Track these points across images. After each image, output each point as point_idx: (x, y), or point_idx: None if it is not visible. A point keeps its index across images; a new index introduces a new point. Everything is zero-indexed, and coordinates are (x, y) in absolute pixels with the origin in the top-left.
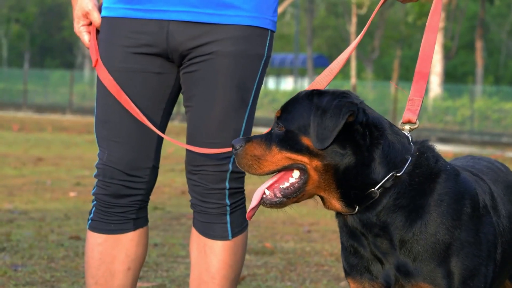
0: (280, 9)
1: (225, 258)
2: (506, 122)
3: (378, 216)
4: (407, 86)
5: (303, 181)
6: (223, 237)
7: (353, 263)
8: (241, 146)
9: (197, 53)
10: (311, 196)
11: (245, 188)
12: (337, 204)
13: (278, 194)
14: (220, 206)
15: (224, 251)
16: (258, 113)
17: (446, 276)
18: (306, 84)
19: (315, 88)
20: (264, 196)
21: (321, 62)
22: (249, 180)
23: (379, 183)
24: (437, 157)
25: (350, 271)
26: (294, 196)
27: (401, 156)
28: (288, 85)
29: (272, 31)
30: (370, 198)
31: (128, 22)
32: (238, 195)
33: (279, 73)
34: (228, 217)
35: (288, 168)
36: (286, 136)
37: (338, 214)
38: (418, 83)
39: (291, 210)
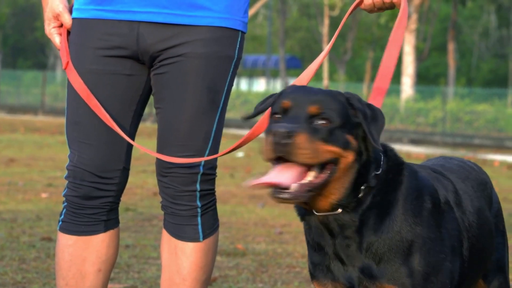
0: (252, 11)
1: (196, 260)
2: (478, 124)
3: (358, 216)
4: None
5: (330, 176)
6: (194, 239)
7: (317, 262)
8: (293, 134)
9: (168, 55)
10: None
11: (216, 189)
12: (328, 204)
13: (304, 188)
14: (191, 208)
15: (195, 253)
16: (230, 115)
17: (410, 275)
18: (278, 85)
19: None
20: (289, 190)
21: (294, 64)
22: (221, 182)
23: (368, 181)
24: (396, 151)
25: (314, 271)
26: (316, 190)
27: (378, 153)
28: (260, 86)
29: (243, 32)
30: (356, 198)
31: (99, 24)
32: (209, 197)
33: (252, 74)
34: (199, 219)
35: (327, 162)
36: (332, 132)
37: (308, 214)
38: (375, 98)
39: (263, 211)
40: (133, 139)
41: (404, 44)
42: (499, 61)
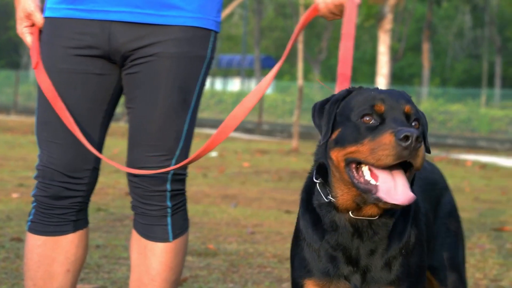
0: (228, 10)
1: (165, 260)
2: (452, 124)
3: (393, 221)
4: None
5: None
6: (163, 239)
7: (324, 264)
8: (420, 139)
9: (139, 55)
10: None
11: (188, 189)
12: (381, 209)
13: None
14: (161, 208)
15: (164, 253)
16: (205, 114)
17: (408, 275)
18: (253, 85)
19: (245, 107)
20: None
21: (269, 63)
22: (193, 182)
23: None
24: None
25: (312, 269)
26: None
27: None
28: (235, 86)
29: (216, 32)
30: None
31: (71, 23)
32: (179, 197)
33: (226, 74)
34: (169, 219)
35: None
36: (421, 135)
37: (338, 215)
38: (342, 84)
39: (235, 211)
40: (104, 138)
41: (379, 44)
42: (473, 61)
